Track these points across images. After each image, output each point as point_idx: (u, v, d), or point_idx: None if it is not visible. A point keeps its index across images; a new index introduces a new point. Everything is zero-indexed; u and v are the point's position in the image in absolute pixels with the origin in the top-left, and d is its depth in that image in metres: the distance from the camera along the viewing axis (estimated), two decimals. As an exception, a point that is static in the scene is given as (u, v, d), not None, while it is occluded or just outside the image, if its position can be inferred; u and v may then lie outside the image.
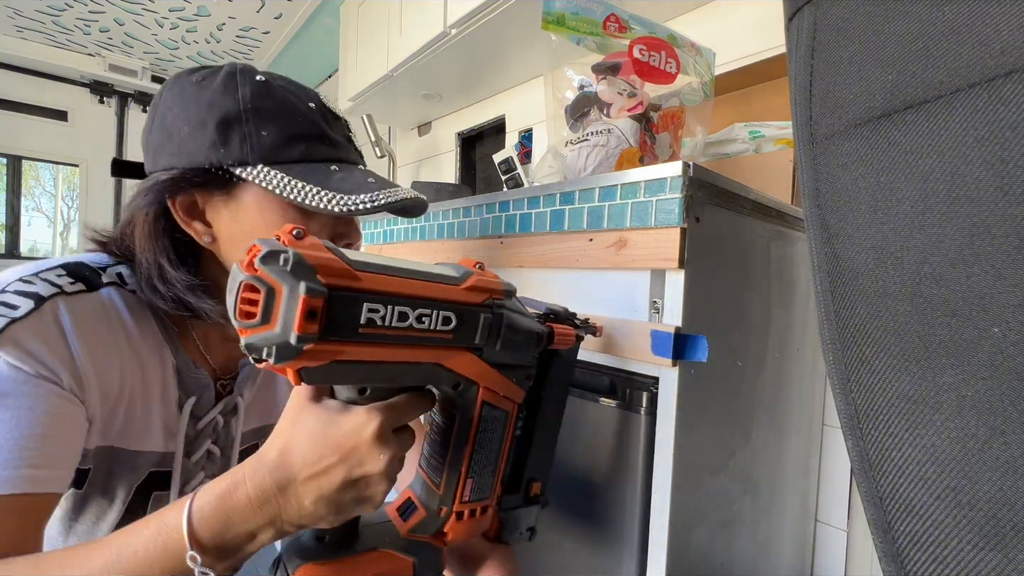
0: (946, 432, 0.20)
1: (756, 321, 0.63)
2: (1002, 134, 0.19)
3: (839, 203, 0.25)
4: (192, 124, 0.44)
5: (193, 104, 0.45)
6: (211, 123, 0.44)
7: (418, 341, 0.30)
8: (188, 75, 0.47)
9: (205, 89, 0.45)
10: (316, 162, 0.47)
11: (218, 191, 0.46)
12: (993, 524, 0.19)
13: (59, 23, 2.24)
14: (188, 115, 0.44)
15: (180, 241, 0.48)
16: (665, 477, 0.49)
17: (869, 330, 0.23)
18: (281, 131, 0.45)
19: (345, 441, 0.31)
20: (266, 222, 0.46)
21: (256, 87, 0.46)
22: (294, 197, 0.43)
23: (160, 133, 0.46)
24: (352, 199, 0.44)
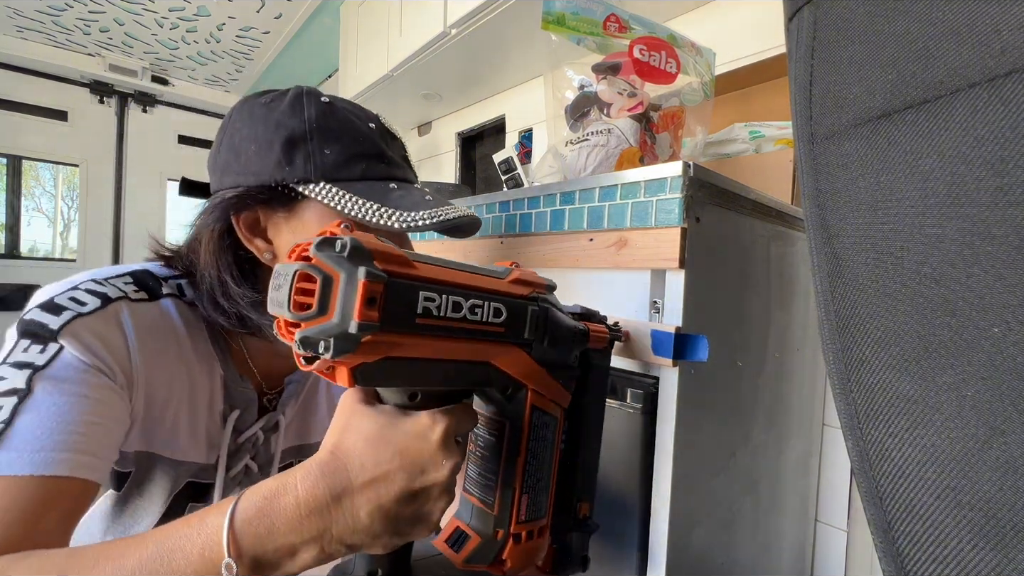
0: (946, 432, 0.20)
1: (756, 321, 0.63)
2: (1002, 134, 0.19)
3: (839, 203, 0.25)
4: (259, 143, 0.46)
5: (261, 124, 0.46)
6: (277, 142, 0.45)
7: (471, 335, 0.29)
8: (256, 97, 0.49)
9: (273, 110, 0.47)
10: (376, 180, 0.48)
11: (281, 208, 0.47)
12: (993, 524, 0.19)
13: (59, 23, 2.24)
14: (256, 135, 0.46)
15: (243, 258, 0.49)
16: (665, 477, 0.49)
17: (869, 330, 0.23)
18: (343, 150, 0.47)
19: (408, 445, 0.29)
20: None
21: (321, 108, 0.47)
22: (354, 213, 0.44)
23: (228, 153, 0.47)
24: (410, 216, 0.45)
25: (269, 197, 0.46)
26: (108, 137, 2.84)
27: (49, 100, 2.66)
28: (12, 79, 2.55)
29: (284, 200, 0.46)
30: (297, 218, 0.47)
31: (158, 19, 2.17)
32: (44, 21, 2.23)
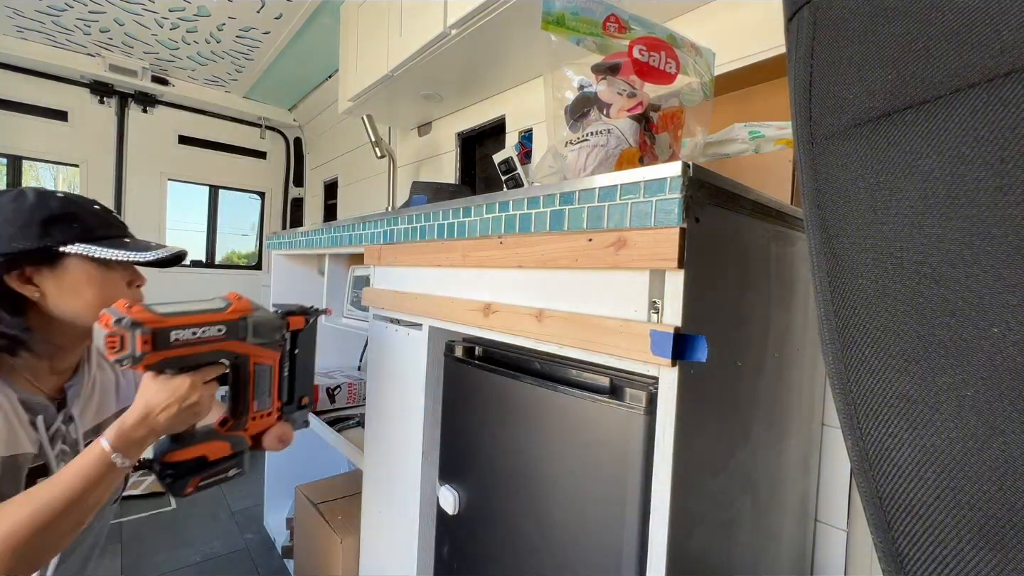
0: (945, 432, 0.20)
1: (756, 321, 0.63)
2: (1001, 134, 0.19)
3: (839, 203, 0.25)
4: (18, 225, 0.67)
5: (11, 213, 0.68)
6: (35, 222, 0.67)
7: (206, 342, 0.64)
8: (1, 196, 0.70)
9: (22, 203, 0.69)
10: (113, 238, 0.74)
11: (46, 264, 0.69)
12: (993, 524, 0.19)
13: (59, 23, 2.24)
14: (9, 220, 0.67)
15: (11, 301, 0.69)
16: (665, 477, 0.49)
17: (869, 330, 0.23)
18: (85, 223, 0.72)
19: (176, 388, 0.63)
20: (87, 276, 0.71)
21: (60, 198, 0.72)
22: (104, 257, 0.71)
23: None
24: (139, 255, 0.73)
25: (36, 258, 0.68)
26: (108, 137, 2.84)
27: (49, 100, 2.66)
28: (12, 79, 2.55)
29: (48, 258, 0.69)
30: (62, 268, 0.70)
31: (158, 19, 2.17)
32: (44, 21, 2.23)
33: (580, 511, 0.59)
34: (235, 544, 1.88)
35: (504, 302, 0.69)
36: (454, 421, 0.82)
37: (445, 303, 0.80)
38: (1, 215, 0.67)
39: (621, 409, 0.55)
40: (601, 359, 0.56)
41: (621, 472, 0.54)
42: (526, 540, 0.66)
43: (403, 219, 0.92)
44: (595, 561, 0.57)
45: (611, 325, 0.54)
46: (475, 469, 0.76)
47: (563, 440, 0.61)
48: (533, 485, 0.65)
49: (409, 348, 0.91)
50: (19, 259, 0.67)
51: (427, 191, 1.46)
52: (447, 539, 0.82)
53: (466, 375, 0.78)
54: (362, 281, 1.59)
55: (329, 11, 2.02)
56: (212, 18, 2.14)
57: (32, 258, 0.68)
